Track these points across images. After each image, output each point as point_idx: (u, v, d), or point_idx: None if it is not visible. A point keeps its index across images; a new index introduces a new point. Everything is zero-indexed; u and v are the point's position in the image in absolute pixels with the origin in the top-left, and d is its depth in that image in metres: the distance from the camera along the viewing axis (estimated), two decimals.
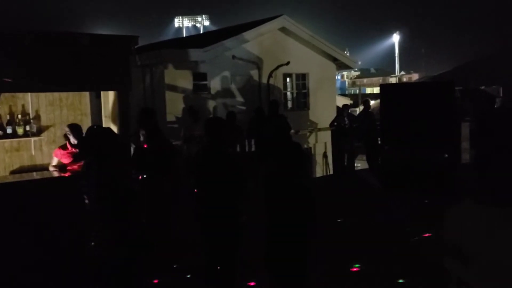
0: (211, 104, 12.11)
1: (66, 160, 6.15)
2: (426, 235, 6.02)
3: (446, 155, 8.35)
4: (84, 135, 4.52)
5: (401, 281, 4.84)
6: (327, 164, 13.22)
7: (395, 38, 32.96)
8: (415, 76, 35.35)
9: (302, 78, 14.47)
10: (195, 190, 4.31)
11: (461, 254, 2.00)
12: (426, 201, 7.65)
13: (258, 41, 13.12)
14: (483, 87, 11.37)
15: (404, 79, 33.56)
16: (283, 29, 13.70)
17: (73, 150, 6.12)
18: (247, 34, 12.80)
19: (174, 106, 11.36)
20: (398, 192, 8.25)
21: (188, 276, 5.09)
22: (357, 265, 5.25)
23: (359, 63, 49.57)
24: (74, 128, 6.09)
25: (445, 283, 2.07)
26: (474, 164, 8.87)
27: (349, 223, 6.88)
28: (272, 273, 3.87)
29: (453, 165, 8.31)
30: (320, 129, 13.69)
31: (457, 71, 10.77)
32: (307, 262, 3.76)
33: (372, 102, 15.39)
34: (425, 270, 4.87)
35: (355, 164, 12.39)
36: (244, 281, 4.76)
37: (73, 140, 6.06)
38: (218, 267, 4.23)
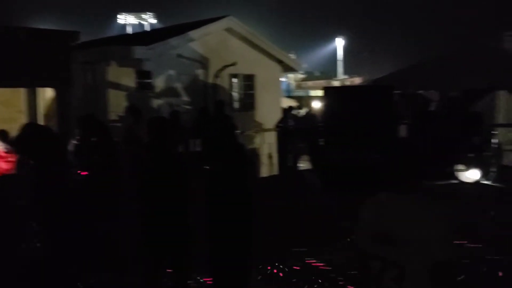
0: (155, 103, 11.91)
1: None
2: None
3: (379, 156, 8.69)
4: (19, 132, 4.32)
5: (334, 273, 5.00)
6: (272, 164, 13.39)
7: (339, 42, 33.91)
8: (357, 80, 36.50)
9: (248, 79, 14.55)
10: (140, 191, 4.23)
11: (388, 238, 2.17)
12: (357, 198, 7.86)
13: (204, 40, 13.06)
14: (421, 91, 11.91)
15: (347, 83, 34.61)
16: (229, 30, 13.72)
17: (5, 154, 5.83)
18: (193, 33, 12.71)
19: (117, 104, 11.07)
20: (336, 191, 8.49)
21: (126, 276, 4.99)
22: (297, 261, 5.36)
23: (305, 66, 50.56)
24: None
25: (382, 269, 2.18)
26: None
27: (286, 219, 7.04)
28: (215, 271, 3.89)
29: (387, 165, 8.65)
30: (265, 130, 13.83)
31: (397, 75, 11.27)
32: (248, 260, 3.80)
33: (316, 104, 15.76)
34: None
35: (299, 165, 12.63)
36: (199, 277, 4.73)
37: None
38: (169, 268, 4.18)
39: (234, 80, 14.23)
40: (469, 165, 9.83)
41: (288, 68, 16.67)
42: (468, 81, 9.83)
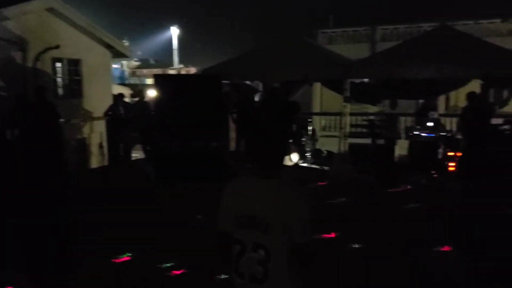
0: None
1: None
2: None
3: (215, 143, 9.06)
4: None
5: (167, 265, 5.08)
6: (103, 154, 12.85)
7: (174, 31, 33.79)
8: (193, 70, 36.94)
9: (74, 64, 13.65)
10: None
11: (251, 221, 2.19)
12: (198, 186, 8.10)
13: (21, 20, 11.81)
14: (248, 82, 12.59)
15: (183, 72, 34.75)
16: (51, 10, 12.65)
17: None
18: (8, 11, 11.39)
19: None
20: (171, 180, 8.56)
21: None
22: (127, 254, 5.29)
23: (140, 53, 49.19)
24: None
25: (241, 252, 2.22)
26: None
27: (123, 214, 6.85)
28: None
29: (222, 152, 9.07)
30: (94, 118, 13.18)
31: (226, 65, 11.79)
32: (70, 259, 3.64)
33: (152, 93, 15.53)
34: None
35: (132, 154, 12.35)
36: None
37: None
38: None
39: (58, 64, 13.22)
40: (289, 149, 10.78)
41: (119, 55, 16.10)
42: (287, 72, 10.71)
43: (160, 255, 5.19)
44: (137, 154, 12.72)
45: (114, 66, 32.87)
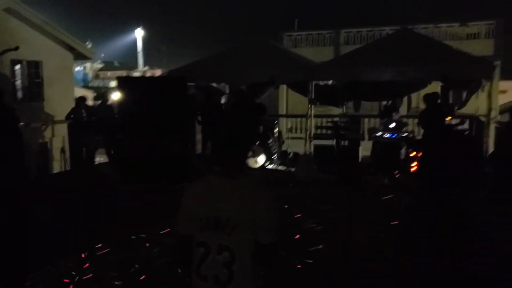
0: None
1: None
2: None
3: (180, 146, 8.98)
4: None
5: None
6: (65, 159, 12.53)
7: (138, 33, 33.37)
8: (158, 72, 36.54)
9: (35, 66, 13.28)
10: None
11: (215, 223, 2.17)
12: (164, 189, 7.97)
13: None
14: (214, 84, 12.55)
15: (149, 74, 34.35)
16: (10, 11, 12.27)
17: None
18: None
19: None
20: (136, 184, 8.42)
21: None
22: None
23: (104, 55, 48.27)
24: None
25: (205, 254, 2.20)
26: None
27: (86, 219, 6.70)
28: None
29: (187, 155, 9.00)
30: (56, 122, 12.84)
31: (191, 67, 11.67)
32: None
33: (116, 96, 15.24)
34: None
35: (96, 158, 12.10)
36: None
37: None
38: None
39: (17, 67, 12.82)
40: (255, 152, 10.80)
41: (82, 57, 15.76)
42: (253, 75, 10.73)
43: (123, 260, 5.12)
44: (100, 158, 12.47)
45: (77, 68, 32.19)
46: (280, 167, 11.06)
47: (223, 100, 12.00)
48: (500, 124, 11.31)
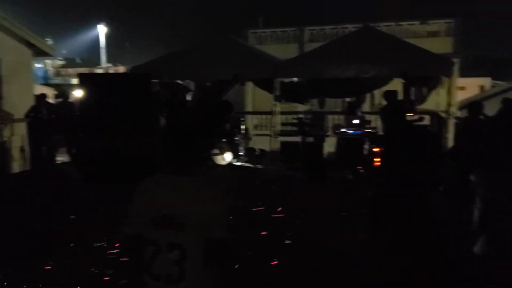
0: None
1: None
2: None
3: (144, 144, 8.84)
4: None
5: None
6: (24, 158, 12.13)
7: (101, 29, 32.61)
8: (122, 68, 35.86)
9: None
10: None
11: (166, 220, 2.15)
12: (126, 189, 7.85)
13: None
14: (179, 81, 12.42)
15: (111, 71, 33.67)
16: None
17: None
18: None
19: None
20: (98, 183, 8.25)
21: None
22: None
23: (65, 52, 46.98)
24: None
25: (155, 253, 2.18)
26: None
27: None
28: None
29: (151, 153, 8.86)
30: (15, 120, 12.40)
31: (155, 64, 11.51)
32: None
33: (78, 93, 14.86)
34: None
35: (57, 158, 11.78)
36: None
37: None
38: None
39: None
40: (223, 149, 10.78)
41: (42, 53, 15.27)
42: (218, 72, 10.69)
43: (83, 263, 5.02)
44: (62, 158, 12.14)
45: (37, 65, 31.18)
46: (247, 164, 11.08)
47: (188, 97, 11.92)
48: (459, 120, 11.69)
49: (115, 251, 5.23)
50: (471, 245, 3.76)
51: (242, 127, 11.92)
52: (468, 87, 39.81)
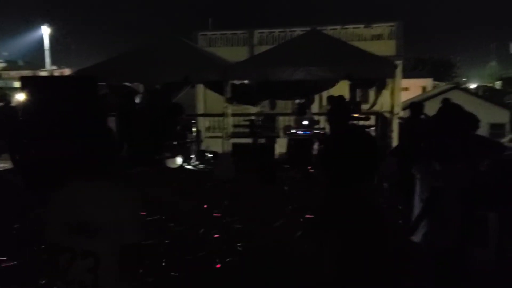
0: None
1: None
2: None
3: (91, 149, 8.62)
4: None
5: None
6: None
7: (45, 30, 31.40)
8: (67, 71, 34.75)
9: None
10: None
11: (80, 227, 2.12)
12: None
13: None
14: (128, 84, 12.20)
15: (56, 73, 32.53)
16: None
17: None
18: None
19: None
20: (43, 190, 7.95)
21: None
22: None
23: (6, 54, 44.98)
24: None
25: (71, 260, 2.14)
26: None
27: None
28: None
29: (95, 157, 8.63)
30: None
31: (102, 66, 11.24)
32: None
33: (21, 96, 14.26)
34: None
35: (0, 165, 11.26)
36: None
37: None
38: None
39: None
40: (174, 152, 10.70)
41: None
42: (167, 74, 10.57)
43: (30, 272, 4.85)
44: (5, 164, 11.62)
45: None
46: (199, 167, 11.05)
47: (137, 100, 11.72)
48: (403, 119, 12.22)
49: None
50: (411, 236, 3.97)
51: (194, 129, 11.87)
52: (411, 88, 41.66)
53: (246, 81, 11.57)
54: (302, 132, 10.09)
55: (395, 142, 10.82)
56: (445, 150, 3.92)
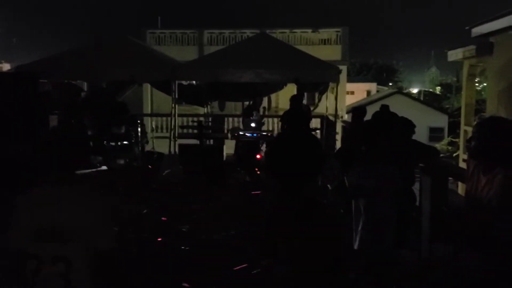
0: None
1: None
2: None
3: (29, 149, 8.29)
4: None
5: None
6: None
7: None
8: (7, 66, 33.07)
9: None
10: None
11: (50, 233, 2.07)
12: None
13: None
14: (72, 81, 11.81)
15: None
16: None
17: None
18: None
19: None
20: None
21: None
22: None
23: None
24: None
25: (37, 268, 2.08)
26: None
27: None
28: None
29: (37, 159, 8.33)
30: None
31: (44, 63, 10.73)
32: None
33: None
34: None
35: None
36: None
37: None
38: None
39: None
40: (118, 152, 10.45)
41: None
42: (113, 72, 10.29)
43: None
44: None
45: None
46: (144, 168, 10.87)
47: (81, 98, 11.37)
48: (346, 123, 12.61)
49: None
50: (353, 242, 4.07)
51: (139, 129, 11.65)
52: (356, 92, 42.99)
53: (194, 82, 11.51)
54: (250, 134, 10.17)
55: (339, 145, 11.15)
56: (379, 152, 4.08)
